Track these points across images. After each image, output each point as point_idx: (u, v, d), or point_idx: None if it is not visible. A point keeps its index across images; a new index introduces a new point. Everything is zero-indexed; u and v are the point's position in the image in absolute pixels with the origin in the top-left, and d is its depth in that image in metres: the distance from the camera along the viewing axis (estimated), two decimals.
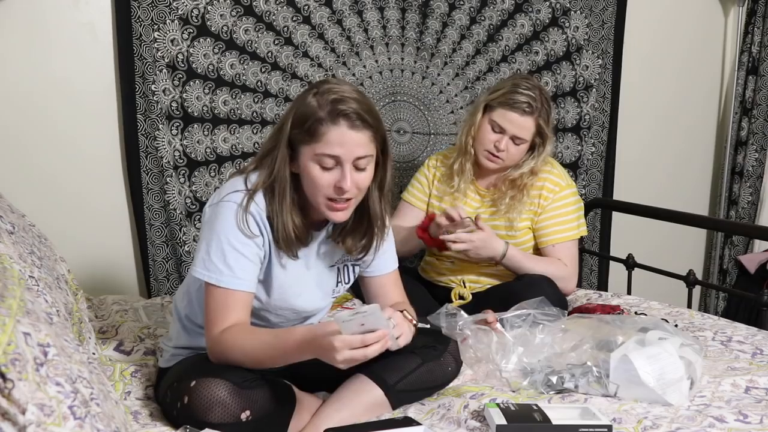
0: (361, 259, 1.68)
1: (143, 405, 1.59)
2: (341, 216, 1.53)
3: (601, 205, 3.02)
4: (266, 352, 1.45)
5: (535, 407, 1.48)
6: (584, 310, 2.19)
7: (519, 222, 2.27)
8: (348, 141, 1.45)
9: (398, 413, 1.58)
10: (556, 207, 2.28)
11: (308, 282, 1.64)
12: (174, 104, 2.40)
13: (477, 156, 2.27)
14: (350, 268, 1.72)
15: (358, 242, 1.62)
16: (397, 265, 1.77)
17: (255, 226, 1.51)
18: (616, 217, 3.13)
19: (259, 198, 1.52)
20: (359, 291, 2.31)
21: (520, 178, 2.25)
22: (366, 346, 1.32)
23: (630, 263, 2.61)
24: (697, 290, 2.76)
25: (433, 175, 2.42)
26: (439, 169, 2.41)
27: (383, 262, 1.73)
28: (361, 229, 1.61)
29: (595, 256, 3.07)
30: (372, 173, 1.53)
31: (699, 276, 3.06)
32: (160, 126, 2.38)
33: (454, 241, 2.11)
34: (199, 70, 2.42)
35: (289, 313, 1.65)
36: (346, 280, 1.72)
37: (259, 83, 2.51)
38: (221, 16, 2.43)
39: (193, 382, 1.42)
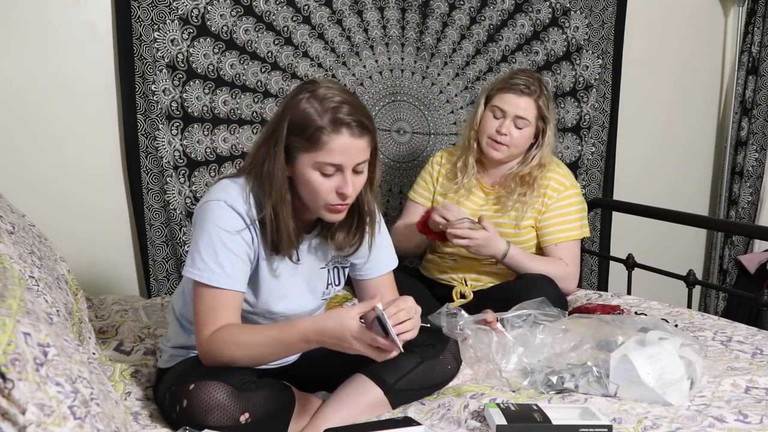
0: (352, 255, 1.66)
1: (143, 406, 1.59)
2: (339, 217, 1.54)
3: (601, 205, 3.02)
4: (269, 346, 1.45)
5: (535, 407, 1.48)
6: (584, 310, 2.19)
7: (523, 221, 2.27)
8: (350, 149, 1.45)
9: (398, 413, 1.58)
10: (559, 206, 2.28)
11: (296, 284, 1.63)
12: (174, 104, 2.40)
13: (482, 148, 2.27)
14: (340, 270, 1.70)
15: (350, 238, 1.61)
16: (392, 267, 1.75)
17: (244, 225, 1.50)
18: (616, 217, 3.13)
19: (249, 200, 1.51)
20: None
21: (530, 173, 2.25)
22: (377, 348, 1.35)
23: (630, 263, 2.61)
24: (697, 290, 2.76)
25: (438, 172, 2.42)
26: (444, 166, 2.41)
27: (376, 264, 1.72)
28: (351, 225, 1.60)
29: (595, 256, 3.07)
30: (367, 173, 1.53)
31: (699, 276, 3.06)
32: (160, 126, 2.38)
33: (458, 237, 2.11)
34: (199, 70, 2.42)
35: (277, 316, 1.63)
36: (336, 282, 1.71)
37: (259, 83, 2.51)
38: (221, 16, 2.43)
39: (192, 386, 1.41)
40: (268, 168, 1.49)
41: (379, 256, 1.71)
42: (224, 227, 1.49)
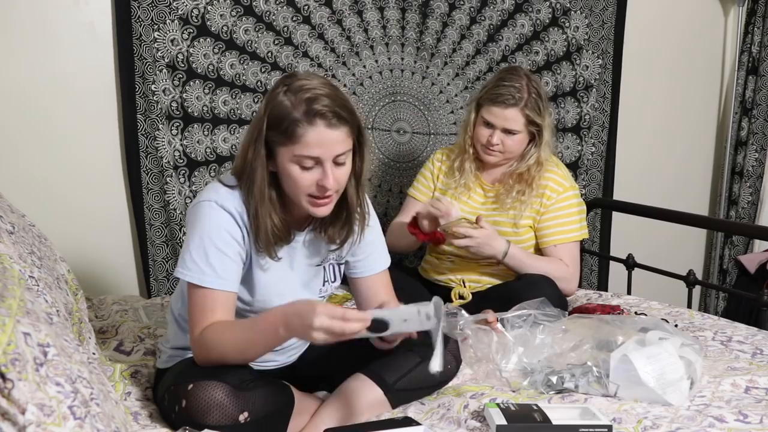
0: (342, 248, 1.64)
1: (143, 406, 1.59)
2: (324, 211, 1.51)
3: (601, 205, 3.02)
4: (247, 337, 1.44)
5: (535, 407, 1.48)
6: (584, 310, 2.19)
7: (521, 220, 2.27)
8: (326, 140, 1.43)
9: (398, 412, 1.58)
10: (558, 208, 2.27)
11: (292, 281, 1.62)
12: (174, 104, 2.40)
13: (477, 152, 2.28)
14: (335, 267, 1.70)
15: (339, 231, 1.60)
16: (386, 265, 1.74)
17: (235, 224, 1.50)
18: (616, 217, 3.13)
19: (238, 199, 1.51)
20: None
21: (528, 171, 2.25)
22: (346, 320, 1.32)
23: (630, 263, 2.61)
24: (697, 290, 2.76)
25: (438, 169, 2.42)
26: (444, 163, 2.42)
27: (370, 262, 1.70)
28: (340, 218, 1.59)
29: (595, 256, 3.07)
30: (350, 165, 1.51)
31: (699, 276, 3.06)
32: (160, 126, 2.38)
33: (458, 236, 2.10)
34: (199, 70, 2.42)
35: None
36: (332, 279, 1.70)
37: (259, 83, 2.51)
38: (221, 16, 2.43)
39: (191, 386, 1.41)
40: (250, 165, 1.48)
41: (373, 254, 1.70)
42: (215, 228, 1.48)
